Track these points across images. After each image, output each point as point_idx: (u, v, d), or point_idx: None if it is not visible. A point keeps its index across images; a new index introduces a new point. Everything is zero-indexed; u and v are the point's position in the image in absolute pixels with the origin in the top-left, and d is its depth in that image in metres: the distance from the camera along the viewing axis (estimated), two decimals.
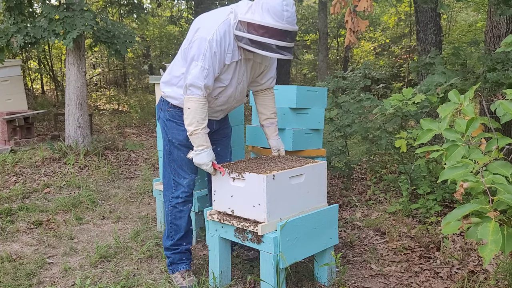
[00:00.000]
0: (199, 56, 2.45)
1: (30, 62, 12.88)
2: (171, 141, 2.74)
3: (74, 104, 6.12)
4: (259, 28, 2.39)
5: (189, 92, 2.48)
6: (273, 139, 2.91)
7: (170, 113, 2.73)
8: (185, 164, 2.74)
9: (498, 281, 2.69)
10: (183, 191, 2.78)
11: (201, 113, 2.50)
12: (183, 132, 2.66)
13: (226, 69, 2.56)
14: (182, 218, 2.81)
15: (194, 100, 2.48)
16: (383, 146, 4.43)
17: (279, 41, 2.40)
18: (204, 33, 2.46)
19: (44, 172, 5.32)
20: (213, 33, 2.44)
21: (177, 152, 2.73)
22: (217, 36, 2.44)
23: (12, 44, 5.71)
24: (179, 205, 2.80)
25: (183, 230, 2.82)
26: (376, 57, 15.86)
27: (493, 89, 3.96)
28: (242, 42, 2.48)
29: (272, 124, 2.91)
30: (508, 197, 1.47)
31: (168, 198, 2.82)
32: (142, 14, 10.47)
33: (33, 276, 2.94)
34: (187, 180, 2.77)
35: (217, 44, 2.44)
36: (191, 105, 2.49)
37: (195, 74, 2.45)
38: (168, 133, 2.74)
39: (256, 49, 2.44)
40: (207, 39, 2.43)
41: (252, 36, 2.42)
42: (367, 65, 5.32)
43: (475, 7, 11.02)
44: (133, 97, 13.62)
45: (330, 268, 2.75)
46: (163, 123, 2.78)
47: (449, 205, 3.89)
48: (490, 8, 5.17)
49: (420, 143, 1.88)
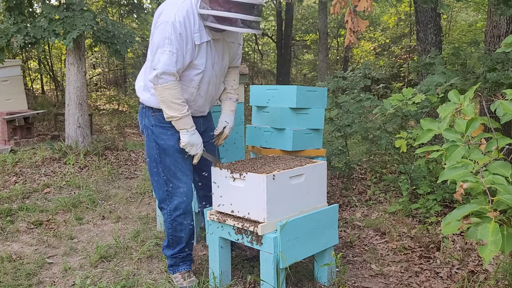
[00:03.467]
0: (164, 41, 2.34)
1: (30, 62, 12.88)
2: (162, 148, 2.60)
3: (74, 104, 6.12)
4: (224, 3, 2.32)
5: (162, 81, 2.38)
6: (225, 113, 2.79)
7: (155, 117, 2.59)
8: (179, 170, 2.63)
9: (498, 281, 2.69)
10: (181, 201, 2.65)
11: (179, 96, 2.43)
12: (173, 136, 2.58)
13: (198, 52, 2.46)
14: (184, 230, 2.72)
15: (170, 87, 2.39)
16: (383, 146, 4.43)
17: (247, 15, 2.34)
18: (166, 17, 2.36)
19: (44, 172, 5.33)
20: (175, 14, 2.34)
21: (169, 159, 2.61)
22: (179, 17, 2.35)
23: (12, 44, 5.71)
24: (180, 218, 2.68)
25: (184, 241, 2.75)
26: (376, 57, 15.86)
27: (493, 89, 3.96)
28: (208, 20, 2.39)
29: (229, 99, 2.81)
30: (508, 197, 1.47)
31: (167, 211, 2.68)
32: (142, 14, 10.47)
33: (33, 276, 2.94)
34: (182, 188, 2.65)
35: (180, 25, 2.35)
36: (168, 93, 2.39)
37: (165, 61, 2.35)
38: (157, 140, 2.60)
39: (223, 25, 2.37)
40: (170, 22, 2.33)
41: (218, 12, 2.34)
42: (367, 65, 5.31)
43: (475, 7, 11.02)
44: (133, 97, 13.61)
45: (330, 268, 2.75)
46: (149, 130, 2.63)
47: (449, 205, 3.89)
48: (490, 8, 5.17)
49: (420, 143, 1.88)
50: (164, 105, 2.44)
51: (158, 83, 2.40)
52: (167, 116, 2.47)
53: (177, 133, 2.57)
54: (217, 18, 2.36)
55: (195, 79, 2.53)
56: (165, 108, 2.46)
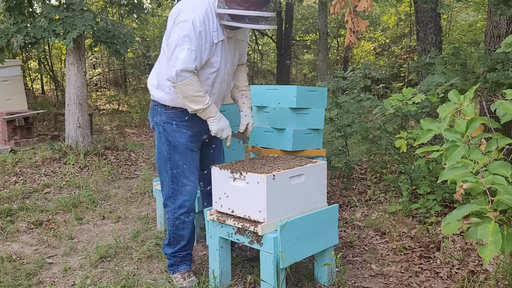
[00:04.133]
0: (184, 39, 2.38)
1: (30, 62, 12.88)
2: (172, 144, 2.66)
3: (74, 104, 6.12)
4: (242, 2, 2.37)
5: (181, 78, 2.42)
6: (244, 110, 2.85)
7: (168, 115, 2.66)
8: (187, 169, 2.68)
9: (498, 281, 2.69)
10: (186, 199, 2.70)
11: (199, 88, 2.48)
12: (184, 134, 2.64)
13: (215, 51, 2.52)
14: (186, 228, 2.75)
15: (189, 83, 2.44)
16: (383, 146, 4.43)
17: (264, 12, 2.39)
18: (185, 16, 2.40)
19: (44, 172, 5.33)
20: (195, 13, 2.39)
21: (178, 156, 2.66)
22: (199, 16, 2.39)
23: (12, 44, 5.71)
24: (183, 216, 2.71)
25: (185, 240, 2.77)
26: (376, 57, 15.87)
27: (493, 89, 3.96)
28: (224, 19, 2.44)
29: (245, 96, 2.88)
30: (508, 198, 1.47)
31: (171, 208, 2.72)
32: (142, 14, 10.45)
33: (33, 276, 2.94)
34: (189, 186, 2.70)
35: (200, 23, 2.39)
36: (189, 88, 2.45)
37: (184, 58, 2.39)
38: (169, 137, 2.66)
39: (240, 23, 2.42)
40: (189, 20, 2.37)
41: (237, 11, 2.39)
42: (367, 65, 5.31)
43: (475, 7, 11.02)
44: (133, 97, 13.63)
45: (330, 268, 2.75)
46: (160, 127, 2.69)
47: (449, 205, 3.89)
48: (490, 8, 5.17)
49: (420, 143, 1.88)
50: (187, 100, 2.50)
51: (177, 81, 2.44)
52: (193, 110, 2.53)
53: (188, 131, 2.65)
54: (234, 16, 2.41)
55: (210, 77, 2.58)
56: (189, 103, 2.51)
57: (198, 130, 2.71)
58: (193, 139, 2.70)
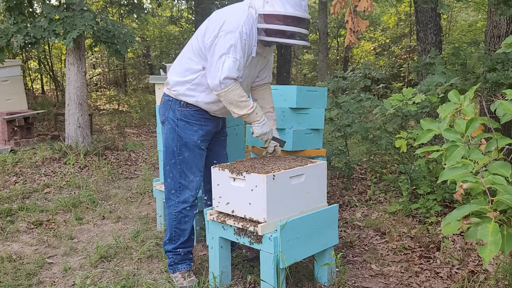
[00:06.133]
0: (230, 48, 2.46)
1: (30, 62, 12.88)
2: (184, 141, 2.69)
3: (74, 104, 6.12)
4: (284, 18, 2.50)
5: (224, 86, 2.49)
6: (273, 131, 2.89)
7: (182, 112, 2.69)
8: (195, 165, 2.72)
9: (498, 281, 2.69)
10: (191, 194, 2.74)
11: (243, 93, 2.56)
12: (196, 132, 2.69)
13: (248, 64, 2.61)
14: (187, 223, 2.78)
15: (233, 89, 2.51)
16: (383, 146, 4.43)
17: (302, 28, 2.54)
18: (231, 27, 2.48)
19: (44, 172, 5.33)
20: (242, 25, 2.47)
21: (188, 153, 2.70)
22: (246, 28, 2.48)
23: (12, 44, 5.71)
24: (186, 211, 2.75)
25: (187, 235, 2.79)
26: (376, 57, 15.87)
27: (493, 89, 3.96)
28: (261, 35, 2.54)
29: (272, 119, 2.92)
30: (507, 198, 1.47)
31: (174, 202, 2.75)
32: (142, 14, 10.46)
33: (33, 276, 2.94)
34: (194, 182, 2.74)
35: (246, 35, 2.49)
36: (233, 93, 2.51)
37: (230, 67, 2.46)
38: (181, 133, 2.69)
39: (281, 39, 2.54)
40: (237, 31, 2.46)
41: (278, 26, 2.49)
42: (367, 65, 5.31)
43: (475, 7, 11.02)
44: (133, 97, 13.63)
45: (330, 268, 2.75)
46: (173, 123, 2.71)
47: (449, 205, 3.89)
48: (490, 8, 5.17)
49: (420, 143, 1.88)
50: (232, 105, 2.56)
51: (221, 89, 2.51)
52: (238, 115, 2.60)
53: (200, 130, 2.70)
54: (270, 31, 2.51)
55: None
56: (234, 109, 2.58)
57: (210, 130, 2.77)
58: (203, 138, 2.74)
